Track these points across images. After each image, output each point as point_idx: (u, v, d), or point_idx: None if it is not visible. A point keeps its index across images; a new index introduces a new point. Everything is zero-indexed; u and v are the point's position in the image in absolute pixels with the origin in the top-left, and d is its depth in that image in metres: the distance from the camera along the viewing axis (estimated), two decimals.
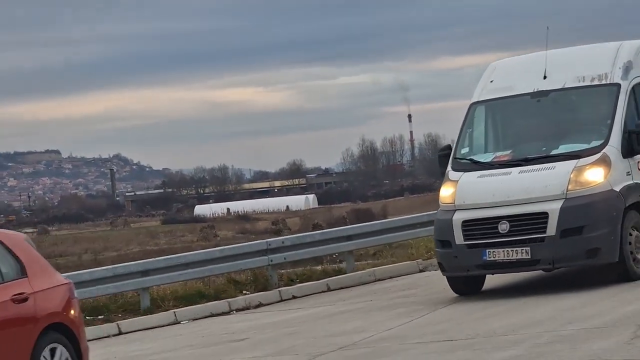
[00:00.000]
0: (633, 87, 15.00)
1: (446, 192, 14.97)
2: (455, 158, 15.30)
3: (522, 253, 14.15)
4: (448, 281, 15.13)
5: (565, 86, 15.19)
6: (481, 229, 14.48)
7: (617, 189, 14.31)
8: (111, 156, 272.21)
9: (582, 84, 15.12)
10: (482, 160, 15.14)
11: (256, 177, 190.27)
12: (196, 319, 17.34)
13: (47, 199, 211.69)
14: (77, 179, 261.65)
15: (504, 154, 15.10)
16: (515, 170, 14.61)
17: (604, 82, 14.99)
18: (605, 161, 14.37)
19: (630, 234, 14.35)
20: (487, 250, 14.34)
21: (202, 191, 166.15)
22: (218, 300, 18.00)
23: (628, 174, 14.53)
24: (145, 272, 17.79)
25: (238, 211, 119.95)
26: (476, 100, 15.79)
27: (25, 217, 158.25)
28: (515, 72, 15.84)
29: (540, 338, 11.38)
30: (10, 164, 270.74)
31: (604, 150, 14.43)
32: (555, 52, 15.77)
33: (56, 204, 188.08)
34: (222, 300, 18.01)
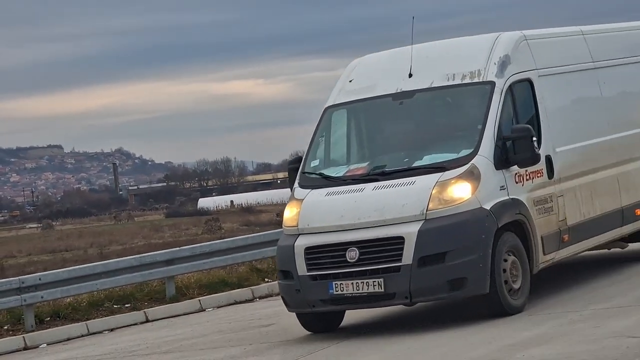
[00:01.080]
0: (510, 86, 12.74)
1: (289, 213, 12.71)
2: (304, 172, 13.00)
3: (375, 286, 11.93)
4: (297, 317, 12.92)
5: (433, 85, 12.88)
6: (327, 257, 12.22)
7: (488, 206, 12.02)
8: (113, 150, 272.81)
9: (451, 82, 12.81)
10: (332, 174, 12.84)
11: (259, 169, 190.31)
12: (220, 307, 17.73)
13: (50, 194, 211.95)
14: (79, 173, 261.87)
15: (359, 167, 12.83)
16: (369, 186, 12.32)
17: (476, 80, 12.71)
18: (473, 174, 12.09)
19: (505, 260, 12.15)
20: (334, 283, 12.10)
21: (205, 184, 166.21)
22: (241, 288, 18.40)
23: (502, 188, 12.27)
24: (170, 261, 18.21)
25: (241, 203, 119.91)
26: (331, 103, 13.45)
27: (29, 212, 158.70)
28: (378, 69, 13.48)
29: (563, 317, 11.52)
30: (12, 160, 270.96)
31: (472, 161, 12.15)
32: (424, 45, 13.45)
33: (59, 198, 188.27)
34: (245, 288, 18.42)
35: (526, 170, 12.55)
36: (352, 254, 12.07)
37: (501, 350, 10.35)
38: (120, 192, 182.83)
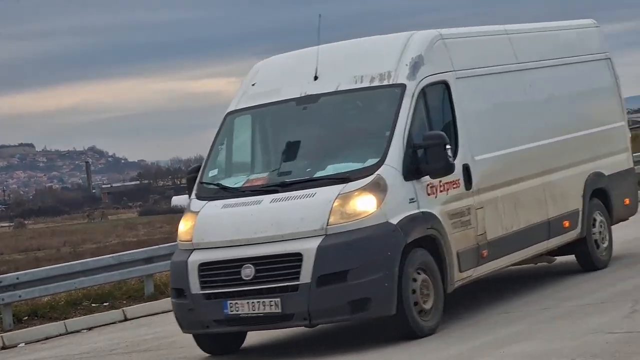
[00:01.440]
0: (424, 89, 11.75)
1: (183, 226, 11.84)
2: (202, 183, 12.13)
3: (271, 306, 11.00)
4: (193, 338, 12.00)
5: (339, 89, 11.91)
6: (221, 274, 11.30)
7: (395, 221, 11.05)
8: (86, 149, 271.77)
9: (359, 85, 11.84)
10: (230, 185, 11.92)
11: None
12: None
13: (22, 192, 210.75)
14: (51, 172, 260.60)
15: (258, 178, 11.90)
16: (267, 198, 11.40)
17: (385, 82, 11.72)
18: (378, 185, 11.12)
19: (415, 279, 11.17)
20: (229, 302, 11.17)
21: (178, 182, 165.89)
22: None
23: (412, 200, 11.30)
24: (149, 260, 18.26)
25: None
26: (233, 109, 12.52)
27: (1, 211, 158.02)
28: (283, 72, 12.52)
29: (540, 314, 11.56)
30: None
31: (378, 172, 11.17)
32: (333, 46, 12.50)
33: (31, 197, 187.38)
34: None
35: (440, 181, 11.60)
36: (248, 272, 11.15)
37: (480, 347, 10.32)
38: (93, 191, 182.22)
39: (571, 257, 14.35)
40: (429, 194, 11.53)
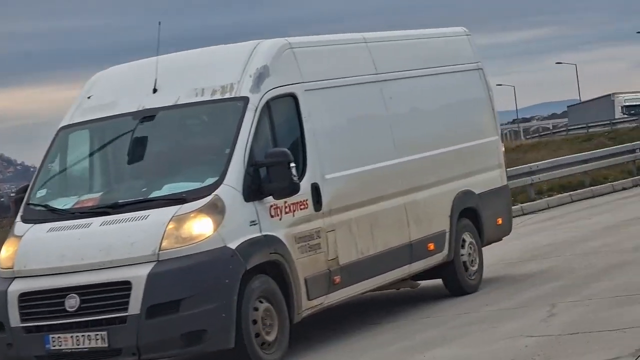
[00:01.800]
0: (268, 102, 10.97)
1: (5, 252, 10.91)
2: (28, 204, 11.25)
3: (97, 340, 10.14)
4: None
5: (178, 102, 11.12)
6: (43, 305, 10.42)
7: (234, 245, 10.24)
8: None
9: (199, 98, 11.05)
10: (59, 206, 11.05)
11: None
12: None
13: None
14: None
15: (90, 198, 11.06)
16: (97, 221, 10.55)
17: (227, 95, 10.95)
18: (216, 207, 10.33)
19: (256, 308, 10.38)
20: (51, 336, 10.30)
21: None
22: None
23: (253, 223, 10.49)
24: None
25: None
26: (66, 123, 11.70)
27: None
28: (121, 84, 11.73)
29: (458, 319, 11.61)
30: None
31: (215, 192, 10.38)
32: (174, 56, 11.76)
33: None
34: None
35: (285, 202, 10.76)
36: (72, 302, 10.25)
37: (400, 352, 10.35)
38: (2, 199, 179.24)
39: (438, 281, 13.62)
40: (272, 216, 10.73)
